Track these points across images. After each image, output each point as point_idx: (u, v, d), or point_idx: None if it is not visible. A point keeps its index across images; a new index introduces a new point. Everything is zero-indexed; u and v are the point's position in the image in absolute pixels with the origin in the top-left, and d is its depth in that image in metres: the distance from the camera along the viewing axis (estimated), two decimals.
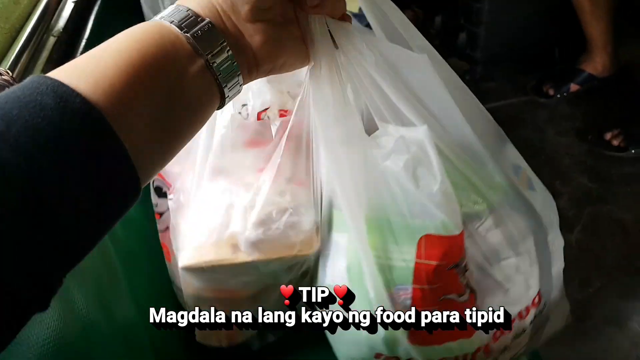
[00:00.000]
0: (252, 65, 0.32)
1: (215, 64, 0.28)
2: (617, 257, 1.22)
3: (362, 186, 0.45)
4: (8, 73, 0.48)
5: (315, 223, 0.50)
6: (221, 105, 0.31)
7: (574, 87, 1.64)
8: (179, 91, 0.27)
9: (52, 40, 0.59)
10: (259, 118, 0.51)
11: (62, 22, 0.62)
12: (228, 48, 0.29)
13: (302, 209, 0.49)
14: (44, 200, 0.20)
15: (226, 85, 0.29)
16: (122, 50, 0.25)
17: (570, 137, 1.53)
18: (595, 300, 1.14)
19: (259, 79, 0.34)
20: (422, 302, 0.46)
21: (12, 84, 0.47)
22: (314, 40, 0.35)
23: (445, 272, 0.46)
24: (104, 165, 0.23)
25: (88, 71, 0.23)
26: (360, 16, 1.06)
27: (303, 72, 0.40)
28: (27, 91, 0.22)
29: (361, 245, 0.45)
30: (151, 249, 0.56)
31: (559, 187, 1.39)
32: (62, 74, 0.23)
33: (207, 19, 0.28)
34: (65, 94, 0.22)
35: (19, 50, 0.55)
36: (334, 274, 0.50)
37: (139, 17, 0.82)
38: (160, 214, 0.55)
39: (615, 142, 1.45)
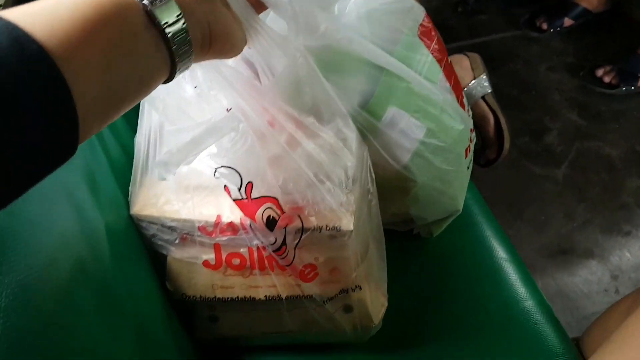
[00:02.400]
0: (205, 42, 0.32)
1: (170, 34, 0.28)
2: (602, 192, 1.21)
3: None
4: None
5: None
6: (170, 78, 0.30)
7: (567, 21, 1.56)
8: (130, 54, 0.27)
9: None
10: None
11: None
12: (184, 20, 0.28)
13: None
14: None
15: (179, 58, 0.29)
16: (79, 3, 0.25)
17: (562, 73, 1.48)
18: (578, 234, 1.13)
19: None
20: None
21: None
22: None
23: None
24: (51, 114, 0.22)
25: (43, 19, 0.23)
26: None
27: None
28: None
29: None
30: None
31: (548, 123, 1.35)
32: (15, 17, 0.22)
33: None
34: (21, 38, 0.21)
35: None
36: None
37: None
38: None
39: (606, 79, 1.40)
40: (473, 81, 1.04)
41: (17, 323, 0.28)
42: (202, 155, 0.41)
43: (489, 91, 1.05)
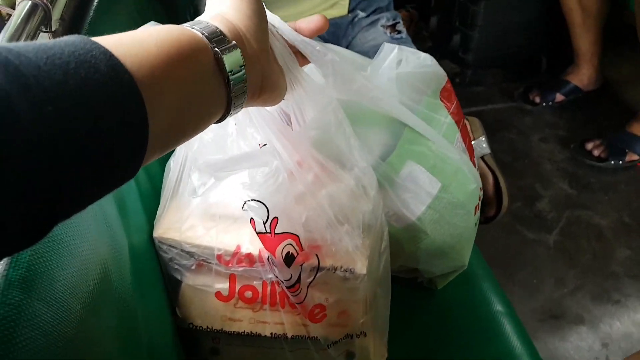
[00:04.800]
0: (256, 91, 0.34)
1: (232, 83, 0.30)
2: (592, 259, 1.22)
3: None
4: None
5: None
6: (221, 119, 0.32)
7: (559, 97, 1.64)
8: (199, 93, 0.28)
9: None
10: None
11: None
12: (244, 72, 0.31)
13: None
14: (78, 148, 0.21)
15: (234, 104, 0.31)
16: (163, 41, 0.26)
17: (553, 144, 1.53)
18: (569, 300, 1.14)
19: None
20: None
21: (46, 6, 0.44)
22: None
23: None
24: (130, 138, 0.23)
25: (133, 51, 0.24)
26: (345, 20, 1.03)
27: None
28: (80, 49, 0.22)
29: None
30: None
31: (540, 190, 1.39)
32: (110, 46, 0.24)
33: (234, 42, 0.31)
34: (116, 66, 0.23)
35: None
36: None
37: None
38: None
39: (596, 152, 1.45)
40: (473, 142, 1.07)
41: (48, 329, 0.28)
42: (234, 186, 0.43)
43: (488, 152, 1.08)
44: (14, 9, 0.43)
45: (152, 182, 0.52)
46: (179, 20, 0.33)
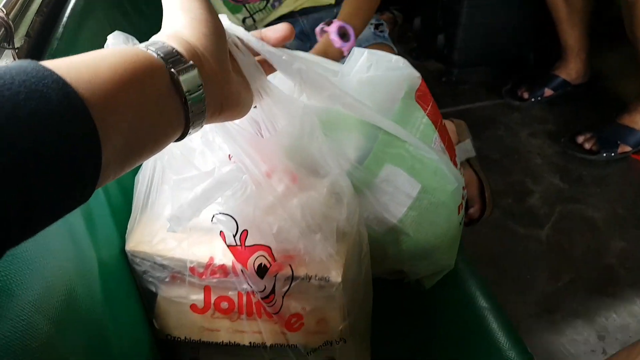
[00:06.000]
0: (216, 109, 0.33)
1: (190, 103, 0.29)
2: (585, 253, 1.19)
3: None
4: (3, 11, 0.44)
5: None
6: (179, 139, 0.31)
7: (547, 91, 1.62)
8: (154, 114, 0.28)
9: None
10: None
11: None
12: (202, 91, 0.30)
13: None
14: (28, 177, 0.20)
15: (192, 124, 0.30)
16: (117, 64, 0.26)
17: (543, 139, 1.51)
18: (564, 294, 1.11)
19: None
20: None
21: (7, 23, 0.43)
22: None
23: None
24: (83, 163, 0.23)
25: (86, 77, 0.24)
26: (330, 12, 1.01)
27: None
28: (32, 78, 0.22)
29: None
30: None
31: (530, 186, 1.36)
32: (62, 71, 0.23)
33: (191, 62, 0.30)
34: (68, 94, 0.22)
35: None
36: None
37: None
38: None
39: (587, 146, 1.42)
40: (458, 144, 1.06)
41: (15, 356, 0.27)
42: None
43: (473, 155, 1.07)
44: None
45: (125, 194, 0.51)
46: (152, 33, 0.31)
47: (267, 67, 0.41)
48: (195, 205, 0.39)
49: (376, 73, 0.51)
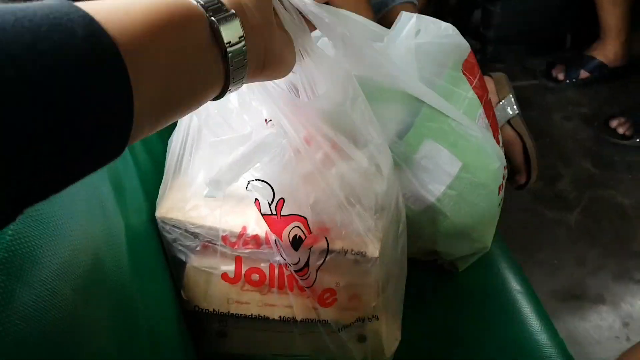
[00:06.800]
0: (259, 65, 0.30)
1: (230, 55, 0.27)
2: (614, 239, 1.14)
3: None
4: None
5: None
6: (219, 96, 0.29)
7: (583, 73, 1.54)
8: (191, 65, 0.25)
9: None
10: None
11: None
12: (244, 43, 0.27)
13: None
14: (51, 121, 0.18)
15: (232, 79, 0.28)
16: (152, 8, 0.24)
17: (576, 122, 1.44)
18: (590, 279, 1.07)
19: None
20: None
21: None
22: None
23: None
24: (111, 109, 0.21)
25: (117, 17, 0.22)
26: None
27: None
28: (56, 13, 0.20)
29: None
30: None
31: (561, 170, 1.31)
32: (91, 10, 0.21)
33: (233, 11, 0.27)
34: (96, 31, 0.20)
35: None
36: None
37: None
38: None
39: (620, 130, 1.36)
40: (498, 104, 0.93)
41: (38, 326, 0.25)
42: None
43: (516, 113, 0.93)
44: None
45: (153, 159, 0.48)
46: None
47: (310, 25, 0.38)
48: (235, 169, 0.37)
49: (424, 40, 0.47)
